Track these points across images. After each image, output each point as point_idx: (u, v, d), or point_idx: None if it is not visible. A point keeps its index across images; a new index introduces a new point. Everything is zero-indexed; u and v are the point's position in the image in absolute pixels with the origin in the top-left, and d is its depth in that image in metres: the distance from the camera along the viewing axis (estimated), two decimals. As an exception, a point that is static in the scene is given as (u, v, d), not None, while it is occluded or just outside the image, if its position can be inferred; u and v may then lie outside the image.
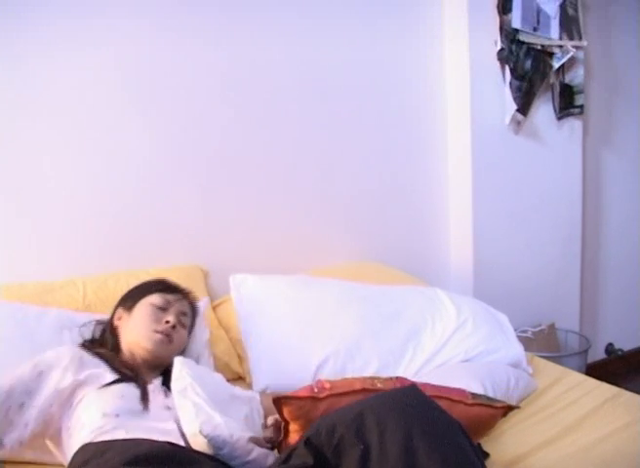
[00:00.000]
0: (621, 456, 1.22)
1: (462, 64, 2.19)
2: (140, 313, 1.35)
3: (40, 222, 1.69)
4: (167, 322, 1.33)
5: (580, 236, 2.54)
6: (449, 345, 1.62)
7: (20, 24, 1.60)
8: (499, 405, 1.20)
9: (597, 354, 2.75)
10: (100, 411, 1.10)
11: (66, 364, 1.18)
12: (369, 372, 1.51)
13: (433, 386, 1.16)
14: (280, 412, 1.07)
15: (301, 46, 2.00)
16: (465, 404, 1.15)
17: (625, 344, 2.80)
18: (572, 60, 2.33)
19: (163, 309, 1.36)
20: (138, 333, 1.32)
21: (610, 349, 2.79)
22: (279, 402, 1.06)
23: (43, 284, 1.59)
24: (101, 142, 1.74)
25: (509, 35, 2.19)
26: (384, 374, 1.46)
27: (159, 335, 1.31)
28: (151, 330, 1.32)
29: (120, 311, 1.41)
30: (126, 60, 1.74)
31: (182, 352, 1.41)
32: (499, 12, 2.17)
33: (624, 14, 2.62)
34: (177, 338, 1.35)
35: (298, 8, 1.98)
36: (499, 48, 2.18)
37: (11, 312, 1.45)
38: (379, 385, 1.09)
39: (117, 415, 1.10)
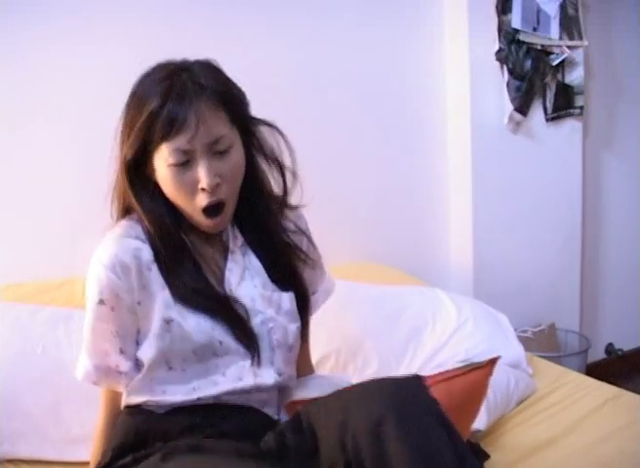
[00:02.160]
0: (621, 456, 1.22)
1: (462, 64, 2.19)
2: (162, 179, 1.01)
3: (40, 222, 1.68)
4: (202, 190, 0.99)
5: (580, 236, 2.54)
6: (449, 345, 1.62)
7: (19, 23, 1.60)
8: (485, 363, 1.22)
9: (597, 354, 2.75)
10: None
11: None
12: (370, 372, 1.51)
13: (428, 376, 1.17)
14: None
15: (301, 46, 1.99)
16: (460, 375, 1.18)
17: (625, 344, 2.80)
18: (572, 61, 2.33)
19: (186, 163, 0.99)
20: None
21: (610, 349, 2.79)
22: (292, 406, 1.06)
23: (41, 283, 1.59)
24: (102, 142, 1.73)
25: (509, 35, 2.19)
26: (385, 374, 1.46)
27: (204, 220, 1.03)
28: (191, 208, 1.02)
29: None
30: (126, 60, 1.73)
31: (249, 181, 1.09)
32: (498, 12, 2.17)
33: (625, 14, 2.62)
34: (227, 186, 1.02)
35: (297, 8, 1.98)
36: (497, 48, 2.18)
37: (4, 310, 1.44)
38: None
39: None
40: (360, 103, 2.13)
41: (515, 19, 2.19)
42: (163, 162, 0.99)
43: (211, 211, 1.02)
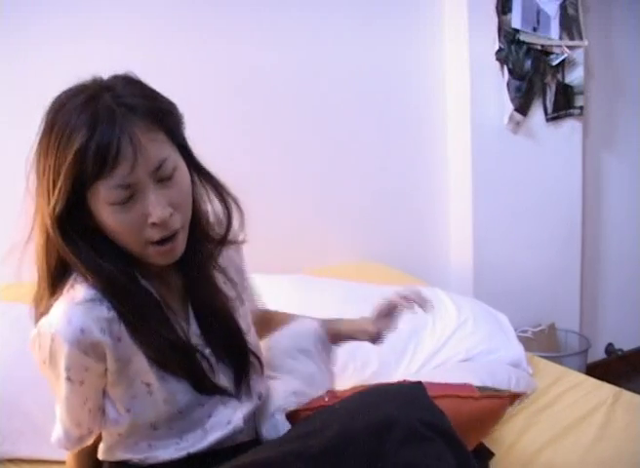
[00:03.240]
0: (621, 456, 1.23)
1: (462, 64, 2.19)
2: (104, 219, 0.87)
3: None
4: (154, 224, 0.86)
5: (579, 236, 2.54)
6: (449, 345, 1.62)
7: (20, 23, 1.60)
8: (505, 394, 1.20)
9: (597, 354, 2.75)
10: None
11: None
12: (369, 372, 1.51)
13: (439, 385, 1.16)
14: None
15: (301, 46, 1.99)
16: (474, 398, 1.15)
17: (625, 344, 2.80)
18: (572, 61, 2.33)
19: (129, 198, 0.85)
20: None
21: (610, 349, 2.79)
22: (296, 416, 1.04)
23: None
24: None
25: (509, 35, 2.19)
26: (385, 373, 1.46)
27: (156, 249, 0.89)
28: (141, 244, 0.89)
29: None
30: (126, 60, 1.73)
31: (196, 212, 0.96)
32: (498, 12, 2.17)
33: (624, 14, 2.62)
34: (180, 215, 0.90)
35: (297, 8, 1.98)
36: (497, 48, 2.18)
37: (4, 310, 1.44)
38: None
39: None
40: (360, 103, 2.13)
41: (515, 19, 2.19)
42: (101, 202, 0.85)
43: (163, 241, 0.88)
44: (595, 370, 2.33)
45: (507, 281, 2.33)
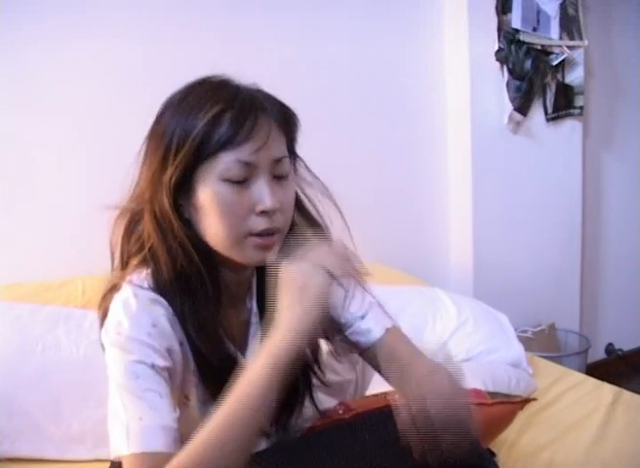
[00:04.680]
0: (621, 456, 1.23)
1: (462, 64, 2.19)
2: (207, 202, 0.82)
3: (40, 222, 1.68)
4: (262, 212, 0.83)
5: (580, 236, 2.54)
6: (449, 345, 1.62)
7: (19, 20, 1.60)
8: (517, 399, 1.20)
9: (597, 354, 2.75)
10: None
11: None
12: (369, 371, 1.51)
13: None
14: None
15: (301, 46, 2.00)
16: (487, 404, 1.15)
17: (625, 344, 2.80)
18: (572, 61, 2.33)
19: (243, 182, 0.82)
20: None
21: (610, 349, 2.79)
22: (311, 431, 1.01)
23: (42, 283, 1.59)
24: (101, 141, 1.74)
25: (509, 35, 2.19)
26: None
27: (254, 240, 0.84)
28: (240, 234, 0.83)
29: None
30: (126, 59, 1.74)
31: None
32: (498, 12, 2.17)
33: (625, 14, 2.63)
34: (283, 217, 0.86)
35: (297, 8, 1.98)
36: (497, 48, 2.18)
37: (4, 310, 1.44)
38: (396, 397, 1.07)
39: None
40: (360, 103, 2.13)
41: (515, 19, 2.19)
42: (214, 178, 0.81)
43: (264, 234, 0.83)
44: (595, 371, 2.33)
45: (507, 281, 2.33)
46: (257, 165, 0.82)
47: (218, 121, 0.80)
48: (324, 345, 1.00)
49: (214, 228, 0.83)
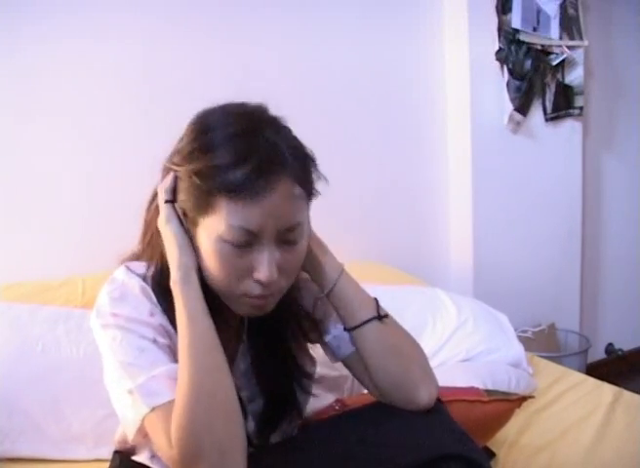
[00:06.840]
0: (621, 456, 1.22)
1: (462, 64, 2.19)
2: (207, 250, 0.79)
3: (40, 222, 1.68)
4: (257, 281, 0.79)
5: (579, 236, 2.54)
6: (449, 345, 1.62)
7: (19, 20, 1.60)
8: (514, 397, 1.20)
9: (597, 354, 2.75)
10: None
11: None
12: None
13: (447, 389, 1.16)
14: None
15: (301, 46, 2.00)
16: (482, 402, 1.15)
17: (625, 344, 2.80)
18: (572, 61, 2.33)
19: (246, 245, 0.78)
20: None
21: (610, 349, 2.79)
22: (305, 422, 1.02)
23: (42, 283, 1.59)
24: (101, 141, 1.74)
25: (509, 35, 2.19)
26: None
27: (249, 300, 0.82)
28: (235, 292, 0.81)
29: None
30: (126, 59, 1.74)
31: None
32: (498, 12, 2.17)
33: (625, 14, 2.63)
34: (285, 280, 0.83)
35: (297, 7, 1.98)
36: (497, 48, 2.18)
37: (4, 310, 1.44)
38: None
39: None
40: (360, 103, 2.13)
41: (515, 19, 2.19)
42: (216, 235, 0.77)
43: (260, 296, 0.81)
44: (595, 370, 2.34)
45: (507, 281, 2.33)
46: (262, 234, 0.77)
47: (232, 170, 0.75)
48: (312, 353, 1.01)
49: (211, 274, 0.81)
